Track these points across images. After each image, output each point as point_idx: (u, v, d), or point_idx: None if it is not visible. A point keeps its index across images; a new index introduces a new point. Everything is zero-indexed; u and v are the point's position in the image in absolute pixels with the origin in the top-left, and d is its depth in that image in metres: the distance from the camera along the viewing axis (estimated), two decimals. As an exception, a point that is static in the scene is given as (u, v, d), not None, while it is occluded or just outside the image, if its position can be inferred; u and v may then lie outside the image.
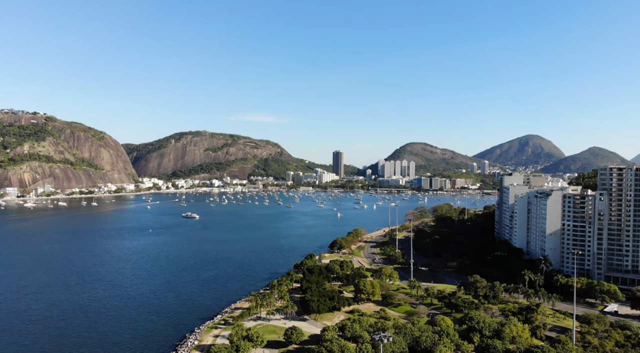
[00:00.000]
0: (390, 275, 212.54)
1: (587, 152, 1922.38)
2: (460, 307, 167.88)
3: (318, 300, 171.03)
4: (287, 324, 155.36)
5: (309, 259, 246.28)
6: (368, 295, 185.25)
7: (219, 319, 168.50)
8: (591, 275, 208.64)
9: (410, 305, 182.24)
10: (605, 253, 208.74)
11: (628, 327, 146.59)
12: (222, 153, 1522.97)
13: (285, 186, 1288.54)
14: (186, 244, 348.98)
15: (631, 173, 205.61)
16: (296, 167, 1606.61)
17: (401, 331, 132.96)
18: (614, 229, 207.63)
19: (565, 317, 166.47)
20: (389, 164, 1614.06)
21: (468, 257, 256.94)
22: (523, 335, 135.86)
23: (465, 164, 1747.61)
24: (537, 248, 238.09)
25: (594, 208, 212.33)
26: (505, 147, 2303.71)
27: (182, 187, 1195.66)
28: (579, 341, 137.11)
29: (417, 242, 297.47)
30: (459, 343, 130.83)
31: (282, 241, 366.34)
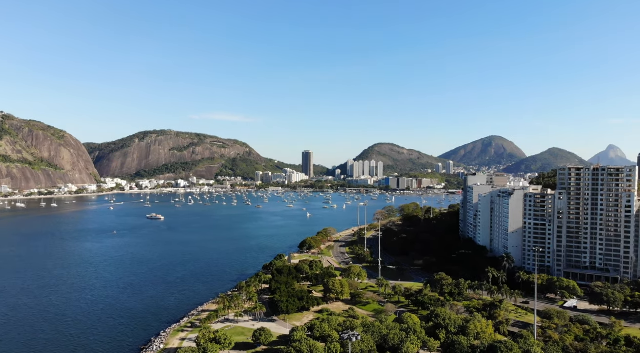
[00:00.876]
0: (359, 274, 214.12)
1: (547, 153, 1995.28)
2: (427, 304, 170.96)
3: (287, 300, 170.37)
4: (256, 325, 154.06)
5: (278, 260, 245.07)
6: (337, 294, 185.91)
7: (186, 322, 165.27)
8: (551, 271, 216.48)
9: (379, 303, 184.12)
10: (564, 250, 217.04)
11: (587, 322, 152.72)
12: (188, 152, 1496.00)
13: (254, 186, 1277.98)
14: (151, 246, 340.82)
15: (588, 173, 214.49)
16: (265, 167, 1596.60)
17: (369, 329, 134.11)
18: (573, 227, 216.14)
19: (527, 313, 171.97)
20: (357, 164, 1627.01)
21: (434, 255, 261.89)
22: (487, 331, 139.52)
23: (431, 164, 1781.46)
24: (500, 246, 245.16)
25: (553, 207, 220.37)
26: (470, 148, 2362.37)
27: (147, 187, 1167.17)
28: (540, 336, 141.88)
29: (385, 241, 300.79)
30: (425, 340, 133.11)
31: (251, 242, 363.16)
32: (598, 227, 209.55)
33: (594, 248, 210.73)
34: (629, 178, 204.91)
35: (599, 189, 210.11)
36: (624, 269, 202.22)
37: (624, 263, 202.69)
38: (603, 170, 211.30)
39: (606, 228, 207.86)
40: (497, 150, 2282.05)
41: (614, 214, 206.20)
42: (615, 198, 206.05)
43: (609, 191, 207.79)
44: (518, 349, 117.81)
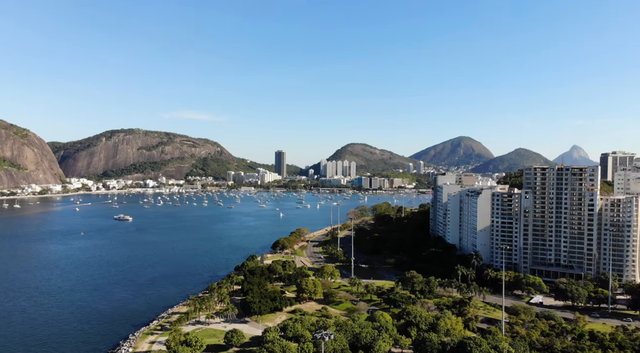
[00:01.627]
0: (332, 274, 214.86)
1: (513, 153, 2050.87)
2: (398, 302, 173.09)
3: (259, 301, 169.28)
4: (228, 327, 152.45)
5: (250, 260, 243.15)
6: (310, 294, 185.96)
7: (155, 325, 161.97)
8: (518, 268, 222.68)
9: (351, 302, 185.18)
10: (530, 248, 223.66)
11: (552, 317, 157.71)
12: (157, 152, 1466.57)
13: (225, 186, 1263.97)
14: (119, 248, 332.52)
15: (553, 172, 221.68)
16: (237, 166, 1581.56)
17: (342, 328, 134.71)
18: (538, 225, 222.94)
19: (495, 309, 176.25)
20: (330, 164, 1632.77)
21: (405, 253, 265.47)
22: (457, 328, 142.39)
23: (402, 164, 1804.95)
24: (469, 244, 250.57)
25: (520, 206, 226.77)
26: (439, 148, 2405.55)
27: (114, 187, 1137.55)
28: (508, 331, 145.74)
29: (358, 240, 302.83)
30: (397, 337, 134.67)
31: (223, 243, 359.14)
32: (562, 225, 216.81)
33: (559, 245, 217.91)
34: (592, 178, 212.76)
35: (563, 188, 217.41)
36: (587, 266, 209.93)
37: (587, 260, 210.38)
38: (567, 170, 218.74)
39: (570, 226, 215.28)
40: (465, 150, 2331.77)
41: (577, 212, 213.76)
42: (579, 197, 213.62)
43: (573, 190, 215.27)
44: (487, 345, 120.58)
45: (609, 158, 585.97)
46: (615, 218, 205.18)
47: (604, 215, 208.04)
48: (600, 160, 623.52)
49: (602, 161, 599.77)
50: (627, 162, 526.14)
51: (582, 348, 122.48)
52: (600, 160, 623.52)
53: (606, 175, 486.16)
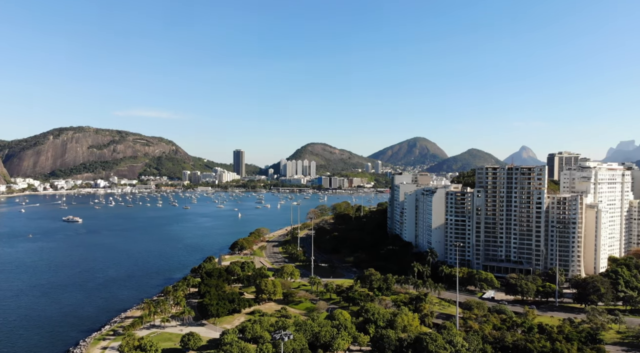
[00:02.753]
0: (292, 273, 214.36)
1: (466, 153, 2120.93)
2: (357, 300, 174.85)
3: (217, 303, 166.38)
4: (184, 330, 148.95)
5: (207, 262, 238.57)
6: (269, 294, 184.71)
7: (108, 330, 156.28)
8: (471, 265, 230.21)
9: (311, 301, 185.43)
10: (482, 244, 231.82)
11: (503, 311, 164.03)
12: (109, 151, 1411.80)
13: (181, 186, 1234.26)
14: (69, 250, 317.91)
15: (503, 172, 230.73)
16: (193, 166, 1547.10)
17: (302, 328, 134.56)
18: (490, 223, 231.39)
19: (450, 304, 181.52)
20: (290, 163, 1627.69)
21: (364, 251, 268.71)
22: (413, 324, 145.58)
23: (361, 164, 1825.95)
24: (424, 242, 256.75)
25: (472, 204, 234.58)
26: (396, 148, 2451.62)
27: (63, 188, 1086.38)
28: (462, 326, 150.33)
29: (317, 239, 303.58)
30: (356, 335, 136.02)
31: (178, 244, 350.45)
32: (512, 222, 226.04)
33: (509, 242, 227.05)
34: (540, 177, 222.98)
35: (513, 187, 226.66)
36: (536, 261, 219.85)
37: (536, 255, 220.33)
38: (516, 170, 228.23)
39: (519, 224, 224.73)
40: (421, 150, 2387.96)
41: (526, 210, 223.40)
42: (528, 195, 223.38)
43: (522, 189, 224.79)
44: (442, 340, 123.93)
45: (555, 158, 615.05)
46: (561, 216, 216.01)
47: (551, 213, 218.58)
48: (547, 160, 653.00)
49: (549, 161, 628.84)
50: (572, 162, 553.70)
51: (532, 341, 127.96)
52: (547, 160, 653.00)
53: (553, 174, 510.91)
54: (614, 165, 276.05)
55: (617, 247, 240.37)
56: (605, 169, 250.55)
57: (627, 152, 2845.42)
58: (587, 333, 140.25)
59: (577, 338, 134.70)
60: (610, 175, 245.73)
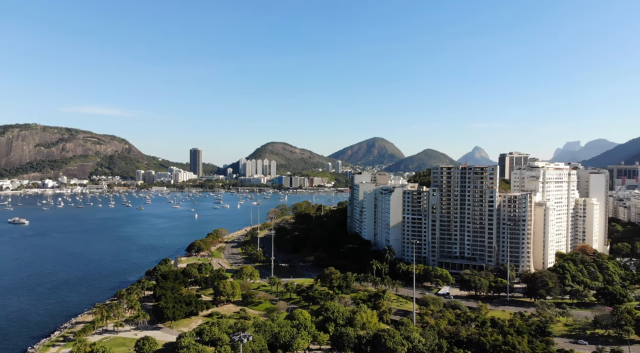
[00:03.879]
0: (251, 274, 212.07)
1: (422, 153, 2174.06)
2: (317, 299, 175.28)
3: (173, 306, 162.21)
4: (139, 335, 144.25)
5: (163, 264, 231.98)
6: (228, 296, 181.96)
7: (57, 336, 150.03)
8: (427, 261, 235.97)
9: (271, 301, 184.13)
10: (438, 242, 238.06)
11: (458, 306, 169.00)
12: (58, 149, 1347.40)
13: (134, 186, 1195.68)
14: (15, 254, 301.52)
15: (457, 172, 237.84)
16: (147, 165, 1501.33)
17: (261, 329, 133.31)
18: (445, 221, 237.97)
19: (407, 301, 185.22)
20: (250, 162, 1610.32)
21: (324, 250, 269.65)
22: (372, 321, 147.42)
23: (322, 164, 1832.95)
24: (383, 240, 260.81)
25: (428, 203, 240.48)
26: (356, 148, 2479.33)
27: (8, 188, 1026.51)
28: (419, 322, 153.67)
29: (278, 239, 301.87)
30: (315, 334, 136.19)
31: (132, 247, 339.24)
32: (466, 220, 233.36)
33: (463, 239, 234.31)
34: (491, 176, 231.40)
35: (467, 186, 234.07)
36: (488, 258, 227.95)
37: (488, 252, 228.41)
38: (470, 169, 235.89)
39: (472, 221, 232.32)
40: (379, 150, 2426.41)
41: (479, 209, 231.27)
42: (480, 194, 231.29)
43: (475, 188, 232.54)
44: (399, 336, 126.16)
45: (506, 158, 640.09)
46: (512, 214, 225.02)
47: (502, 211, 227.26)
48: (498, 160, 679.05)
49: (501, 161, 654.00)
50: (522, 162, 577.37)
51: (485, 335, 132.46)
52: (498, 160, 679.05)
53: (504, 174, 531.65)
54: (561, 165, 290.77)
55: (564, 243, 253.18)
56: (553, 169, 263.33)
57: (573, 152, 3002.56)
58: (537, 326, 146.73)
59: (527, 331, 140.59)
60: (557, 175, 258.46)
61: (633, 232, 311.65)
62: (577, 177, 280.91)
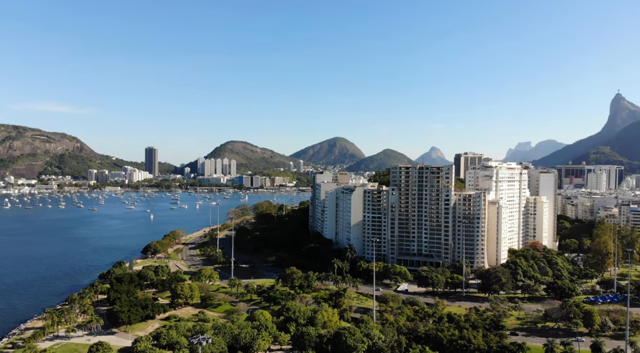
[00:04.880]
0: (210, 276, 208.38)
1: (382, 153, 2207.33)
2: (278, 299, 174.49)
3: (129, 310, 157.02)
4: (92, 340, 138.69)
5: (117, 267, 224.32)
6: (186, 299, 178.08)
7: (5, 343, 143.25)
8: (387, 259, 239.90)
9: (231, 303, 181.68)
10: (397, 239, 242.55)
11: (416, 303, 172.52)
12: (4, 147, 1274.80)
13: (86, 186, 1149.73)
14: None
15: (415, 171, 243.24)
16: (100, 164, 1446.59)
17: (220, 331, 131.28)
18: (403, 219, 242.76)
19: (367, 298, 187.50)
20: (209, 162, 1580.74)
21: (286, 250, 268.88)
22: (333, 319, 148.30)
23: (283, 163, 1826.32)
24: (344, 238, 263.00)
25: (387, 202, 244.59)
26: (317, 148, 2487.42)
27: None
28: (379, 319, 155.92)
29: (238, 239, 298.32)
30: (276, 334, 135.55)
31: (85, 249, 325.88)
32: (423, 218, 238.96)
33: (421, 237, 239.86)
34: (447, 176, 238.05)
35: (424, 185, 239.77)
36: (445, 254, 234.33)
37: (445, 249, 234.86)
38: (427, 169, 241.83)
39: (430, 219, 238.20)
40: (340, 150, 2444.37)
41: (435, 207, 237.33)
42: (437, 193, 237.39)
43: (432, 187, 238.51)
44: (360, 333, 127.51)
45: (461, 158, 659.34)
46: (467, 212, 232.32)
47: (457, 209, 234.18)
48: (454, 160, 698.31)
49: (456, 161, 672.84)
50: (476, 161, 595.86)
51: (442, 330, 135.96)
52: (454, 160, 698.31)
53: (459, 173, 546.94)
54: (513, 164, 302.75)
55: (515, 240, 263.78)
56: (505, 168, 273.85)
57: (524, 152, 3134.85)
58: (491, 321, 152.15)
59: (482, 325, 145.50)
60: (510, 174, 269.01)
61: (580, 229, 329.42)
62: (528, 176, 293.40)
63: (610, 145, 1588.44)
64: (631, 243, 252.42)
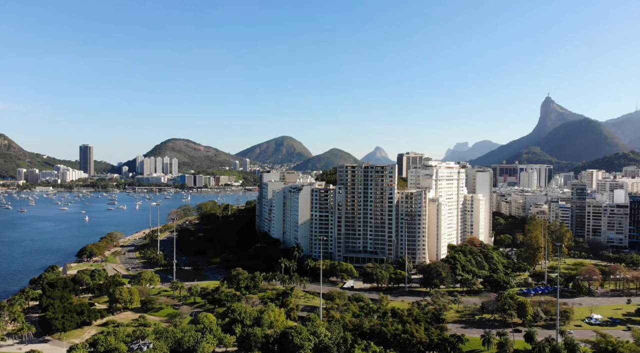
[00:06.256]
0: (151, 279, 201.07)
1: (329, 153, 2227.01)
2: (223, 301, 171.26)
3: (63, 316, 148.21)
4: (24, 349, 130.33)
5: (50, 272, 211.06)
6: (125, 303, 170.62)
7: None
8: (333, 257, 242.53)
9: (173, 307, 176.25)
10: (343, 237, 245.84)
11: (361, 299, 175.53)
12: None
13: (15, 186, 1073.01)
14: None
15: (361, 170, 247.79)
16: (30, 163, 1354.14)
17: (162, 335, 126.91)
18: (350, 217, 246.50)
19: (314, 296, 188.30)
20: (149, 160, 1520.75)
21: (231, 251, 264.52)
22: (280, 319, 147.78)
23: (229, 162, 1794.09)
24: (291, 237, 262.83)
25: (334, 200, 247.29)
26: (264, 147, 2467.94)
27: None
28: (325, 317, 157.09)
29: (180, 241, 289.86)
30: (221, 337, 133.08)
31: (13, 253, 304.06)
32: (369, 216, 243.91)
33: (366, 234, 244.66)
34: (391, 175, 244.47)
35: (369, 184, 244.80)
36: (389, 251, 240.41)
37: (388, 245, 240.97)
38: (372, 168, 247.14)
39: (374, 217, 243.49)
40: (288, 149, 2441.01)
41: (380, 205, 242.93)
42: (381, 191, 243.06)
43: (376, 186, 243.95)
44: (306, 332, 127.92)
45: (404, 158, 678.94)
46: (409, 209, 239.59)
47: (400, 207, 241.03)
48: (397, 159, 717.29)
49: (399, 160, 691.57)
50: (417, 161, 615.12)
51: (386, 325, 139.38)
52: (397, 159, 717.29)
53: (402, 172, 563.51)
54: (452, 164, 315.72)
55: (454, 236, 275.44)
56: (444, 168, 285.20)
57: (462, 152, 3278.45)
58: (432, 314, 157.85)
59: (423, 319, 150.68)
60: (448, 173, 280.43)
61: (513, 225, 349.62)
62: (466, 175, 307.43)
63: (540, 145, 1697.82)
64: (560, 237, 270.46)
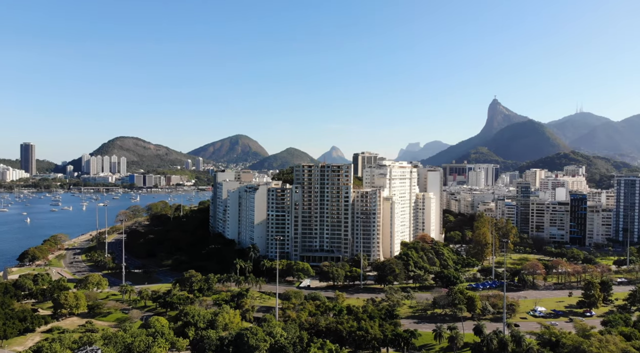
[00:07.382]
0: (99, 283, 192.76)
1: (285, 152, 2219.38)
2: (176, 304, 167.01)
3: (4, 323, 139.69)
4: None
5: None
6: (71, 308, 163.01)
7: None
8: (290, 256, 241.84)
9: (122, 311, 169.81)
10: (300, 236, 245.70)
11: (317, 298, 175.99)
12: None
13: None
14: None
15: (317, 170, 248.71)
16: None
17: (111, 340, 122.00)
18: (306, 216, 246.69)
19: (270, 297, 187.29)
20: (95, 159, 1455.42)
21: (184, 253, 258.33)
22: (235, 321, 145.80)
23: (180, 161, 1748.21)
24: (247, 238, 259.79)
25: (291, 200, 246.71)
26: (218, 145, 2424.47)
27: None
28: (281, 316, 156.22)
29: (130, 243, 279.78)
30: (174, 340, 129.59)
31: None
32: (325, 215, 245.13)
33: (322, 233, 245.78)
34: (347, 174, 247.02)
35: (326, 183, 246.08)
36: (345, 249, 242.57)
37: (344, 244, 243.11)
38: (328, 168, 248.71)
39: (331, 216, 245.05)
40: (243, 148, 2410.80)
41: (336, 204, 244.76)
42: (337, 190, 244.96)
43: (333, 185, 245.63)
44: (262, 333, 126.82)
45: (359, 157, 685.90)
46: (364, 208, 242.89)
47: (356, 205, 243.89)
48: (353, 159, 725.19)
49: (354, 160, 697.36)
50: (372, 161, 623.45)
51: (342, 323, 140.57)
52: (353, 159, 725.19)
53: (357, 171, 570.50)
54: (404, 163, 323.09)
55: (407, 233, 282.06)
56: (398, 167, 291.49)
57: (414, 152, 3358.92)
58: (386, 310, 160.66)
59: (378, 315, 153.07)
60: (402, 172, 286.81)
61: (462, 222, 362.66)
62: (418, 174, 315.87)
63: (487, 145, 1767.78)
64: (506, 234, 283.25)
